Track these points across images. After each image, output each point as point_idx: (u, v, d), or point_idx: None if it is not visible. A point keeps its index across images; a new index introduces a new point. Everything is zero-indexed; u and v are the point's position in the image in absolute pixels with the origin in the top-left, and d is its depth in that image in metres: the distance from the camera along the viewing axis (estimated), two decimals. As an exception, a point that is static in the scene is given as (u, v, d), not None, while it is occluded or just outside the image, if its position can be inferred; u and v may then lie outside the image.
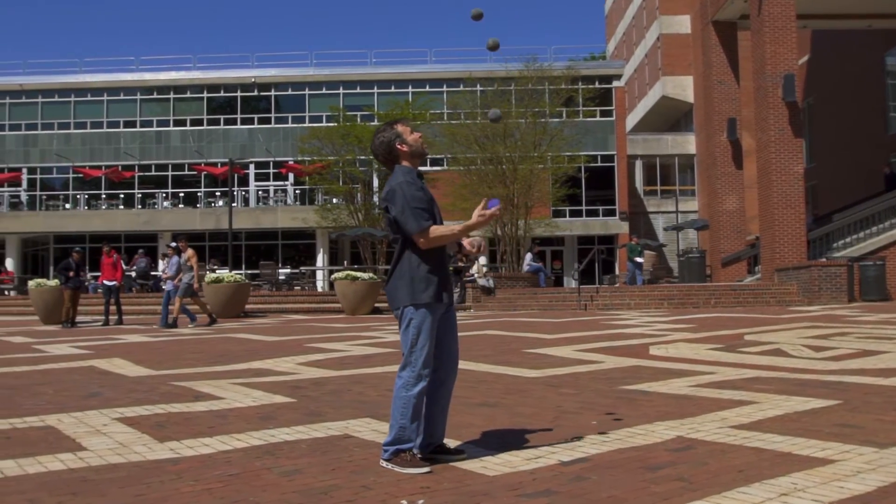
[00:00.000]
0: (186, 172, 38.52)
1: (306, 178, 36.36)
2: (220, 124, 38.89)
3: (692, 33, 37.13)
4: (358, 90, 38.66)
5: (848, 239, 24.10)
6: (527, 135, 27.71)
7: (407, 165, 4.07)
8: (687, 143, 39.37)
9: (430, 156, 31.17)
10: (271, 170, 38.35)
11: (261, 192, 38.59)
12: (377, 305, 19.90)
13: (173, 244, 17.08)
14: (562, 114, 30.52)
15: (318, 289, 32.63)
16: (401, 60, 41.95)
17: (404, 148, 4.05)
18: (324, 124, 34.80)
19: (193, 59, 41.51)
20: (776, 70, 22.56)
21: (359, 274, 20.18)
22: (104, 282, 18.14)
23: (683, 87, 39.37)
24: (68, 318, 17.30)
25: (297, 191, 38.52)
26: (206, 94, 39.01)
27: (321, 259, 37.33)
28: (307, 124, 36.76)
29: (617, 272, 34.94)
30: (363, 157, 30.98)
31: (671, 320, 14.50)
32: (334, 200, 34.16)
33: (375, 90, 38.40)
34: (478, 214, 3.97)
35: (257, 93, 38.94)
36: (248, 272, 32.28)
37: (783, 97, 22.40)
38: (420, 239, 3.91)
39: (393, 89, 37.83)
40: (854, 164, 31.77)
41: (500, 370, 7.76)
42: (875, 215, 24.04)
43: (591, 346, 9.82)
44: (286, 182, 38.50)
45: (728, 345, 9.69)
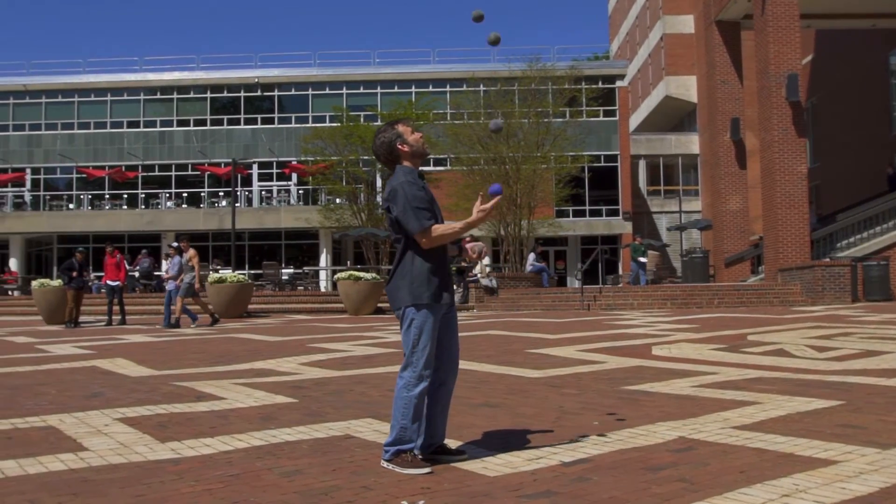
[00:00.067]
0: (190, 173, 38.55)
1: (309, 179, 36.41)
2: (224, 124, 38.92)
3: (696, 33, 37.05)
4: (361, 90, 38.67)
5: (851, 239, 24.06)
6: (530, 135, 27.69)
7: (408, 165, 4.07)
8: (690, 143, 39.32)
9: (434, 156, 31.64)
10: (275, 170, 38.38)
11: (264, 193, 38.62)
12: (380, 305, 19.90)
13: (175, 244, 17.10)
14: (565, 114, 30.50)
15: (322, 289, 32.64)
16: (404, 60, 41.88)
17: (405, 148, 4.05)
18: (327, 124, 34.83)
19: (197, 60, 41.53)
20: (780, 70, 22.53)
21: (362, 274, 20.18)
22: (107, 282, 18.18)
23: (687, 87, 39.31)
24: (71, 319, 17.32)
25: (301, 191, 38.54)
26: (210, 95, 39.05)
27: (324, 259, 37.34)
28: (310, 124, 36.78)
29: (620, 272, 34.90)
30: (366, 158, 31.00)
31: (674, 320, 14.48)
32: (337, 200, 34.17)
33: (379, 90, 38.40)
34: (478, 210, 3.96)
35: (261, 93, 38.97)
36: (252, 272, 32.33)
37: (787, 97, 22.38)
38: (422, 238, 3.90)
39: (396, 89, 37.83)
40: (858, 164, 31.70)
41: (503, 370, 7.75)
42: (879, 215, 24.01)
43: (594, 347, 9.81)
44: (289, 182, 38.53)
45: (731, 345, 9.67)
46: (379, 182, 32.63)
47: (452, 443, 4.29)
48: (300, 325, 15.65)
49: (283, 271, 32.11)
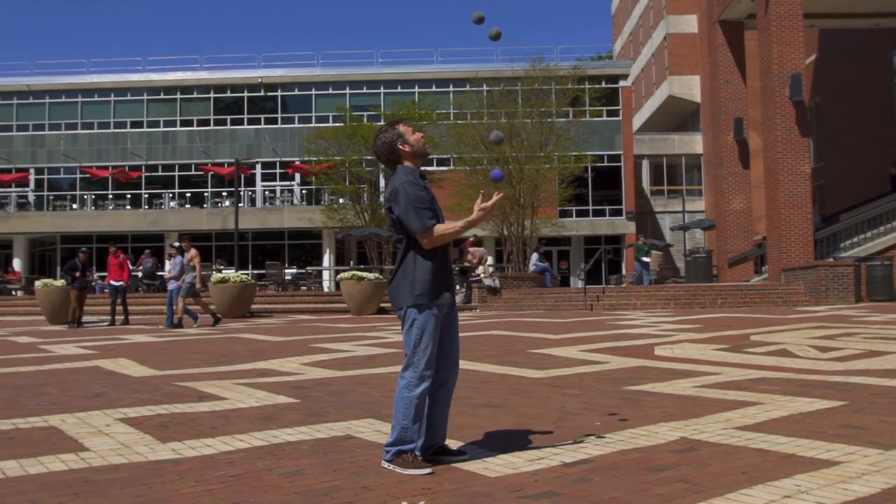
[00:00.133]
0: (193, 172, 38.59)
1: (313, 179, 36.43)
2: (227, 124, 38.96)
3: (699, 33, 37.06)
4: (364, 90, 38.69)
5: (855, 239, 24.02)
6: (533, 135, 27.67)
7: (409, 165, 4.06)
8: (694, 143, 39.28)
9: (437, 156, 31.66)
10: (278, 170, 38.40)
11: (267, 193, 38.64)
12: (383, 306, 19.91)
13: (176, 244, 17.11)
14: (568, 114, 30.46)
15: (324, 289, 32.66)
16: (407, 60, 41.90)
17: (406, 148, 4.05)
18: (330, 124, 34.86)
19: (200, 60, 41.63)
20: (783, 69, 22.49)
21: (365, 274, 20.19)
22: (111, 282, 18.20)
23: (690, 87, 39.28)
24: (74, 319, 17.34)
25: (304, 191, 38.55)
26: (213, 95, 39.09)
27: (327, 259, 37.36)
28: (313, 124, 36.80)
29: (623, 272, 34.86)
30: (369, 158, 31.00)
31: (677, 320, 14.46)
32: (340, 200, 34.18)
33: (382, 90, 38.42)
34: (478, 209, 3.96)
35: (264, 93, 39.00)
36: (255, 272, 32.33)
37: (790, 97, 22.34)
38: (424, 238, 3.90)
39: (399, 89, 37.85)
40: (861, 164, 31.63)
41: (505, 370, 7.74)
42: (882, 215, 23.97)
43: (597, 347, 9.80)
44: (292, 182, 38.56)
45: (734, 345, 9.65)
46: (382, 182, 32.59)
47: (453, 443, 4.29)
48: (303, 326, 15.65)
49: (287, 271, 32.14)
